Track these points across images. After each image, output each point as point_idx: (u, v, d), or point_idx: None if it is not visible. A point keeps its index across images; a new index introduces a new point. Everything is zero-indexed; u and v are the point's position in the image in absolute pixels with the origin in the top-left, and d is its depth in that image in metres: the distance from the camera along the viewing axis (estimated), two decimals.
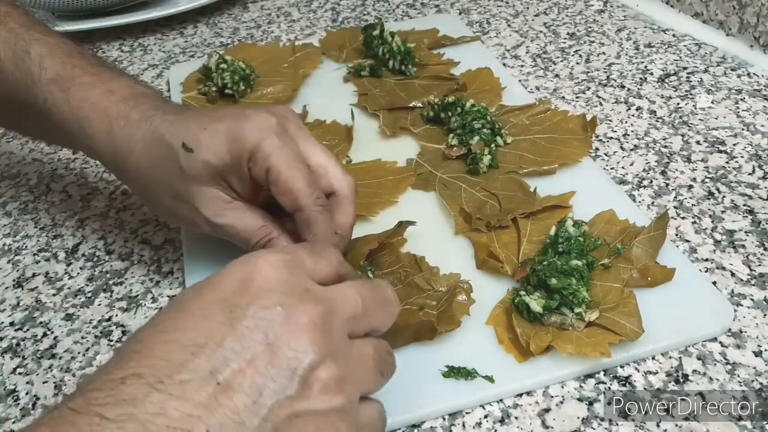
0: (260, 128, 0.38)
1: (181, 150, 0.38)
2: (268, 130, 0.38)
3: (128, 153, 0.40)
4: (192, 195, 0.39)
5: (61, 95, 0.42)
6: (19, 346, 0.43)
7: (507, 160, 0.52)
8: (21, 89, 0.43)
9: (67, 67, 0.42)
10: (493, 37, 0.74)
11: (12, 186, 0.58)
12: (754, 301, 0.42)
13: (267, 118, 0.39)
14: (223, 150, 0.38)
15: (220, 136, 0.38)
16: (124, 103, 0.41)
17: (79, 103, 0.41)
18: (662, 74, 0.65)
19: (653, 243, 0.43)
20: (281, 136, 0.38)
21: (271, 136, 0.38)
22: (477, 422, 0.36)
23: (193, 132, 0.39)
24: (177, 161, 0.39)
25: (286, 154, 0.38)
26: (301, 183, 0.38)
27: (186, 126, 0.39)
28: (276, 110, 0.40)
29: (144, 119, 0.40)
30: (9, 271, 0.49)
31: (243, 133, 0.38)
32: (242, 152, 0.38)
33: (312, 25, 0.80)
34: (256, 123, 0.38)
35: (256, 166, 0.38)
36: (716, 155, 0.54)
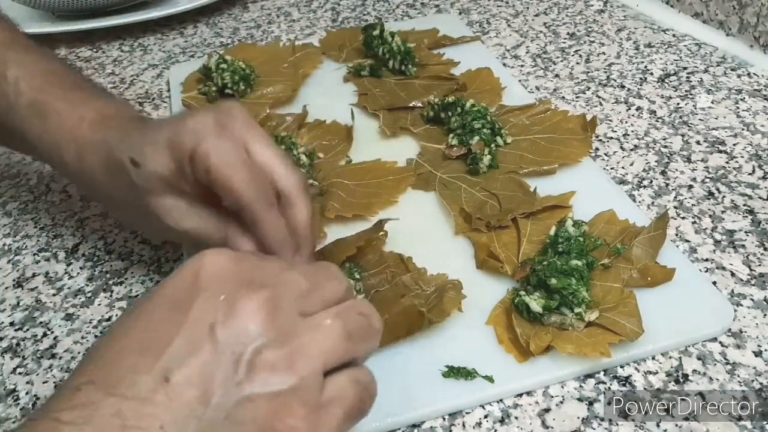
0: (196, 130, 0.37)
1: (130, 165, 0.38)
2: (205, 131, 0.37)
3: (92, 178, 0.41)
4: (152, 207, 0.39)
5: (36, 122, 0.42)
6: (19, 346, 0.43)
7: (507, 160, 0.52)
8: (1, 111, 0.44)
9: (42, 93, 0.43)
10: (493, 37, 0.74)
11: (12, 186, 0.58)
12: (754, 301, 0.42)
13: (203, 118, 0.37)
14: (165, 158, 0.37)
15: (162, 145, 0.37)
16: (90, 130, 0.41)
17: (54, 132, 0.42)
18: (662, 74, 0.65)
19: (653, 243, 0.43)
20: (220, 135, 0.37)
21: (208, 136, 0.36)
22: (477, 422, 0.36)
23: (138, 146, 0.38)
24: (129, 176, 0.38)
25: (224, 153, 0.36)
26: (241, 181, 0.36)
27: (133, 141, 0.39)
28: (219, 108, 0.39)
29: (101, 142, 0.40)
30: (9, 271, 0.49)
31: (180, 137, 0.37)
32: (182, 156, 0.37)
33: (312, 25, 0.80)
34: (193, 125, 0.37)
35: (196, 168, 0.37)
36: (716, 155, 0.54)
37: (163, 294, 0.28)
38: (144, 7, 0.81)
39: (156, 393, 0.25)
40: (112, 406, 0.25)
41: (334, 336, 0.29)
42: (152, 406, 0.25)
